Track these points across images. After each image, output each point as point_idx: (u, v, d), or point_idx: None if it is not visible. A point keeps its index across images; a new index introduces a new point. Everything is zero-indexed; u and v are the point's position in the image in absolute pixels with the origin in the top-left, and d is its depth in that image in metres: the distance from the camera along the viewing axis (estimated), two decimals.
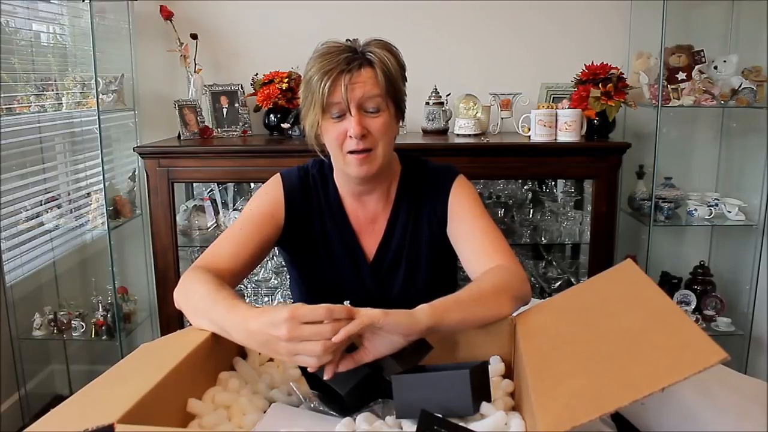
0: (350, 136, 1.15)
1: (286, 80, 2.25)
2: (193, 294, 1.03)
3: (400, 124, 1.26)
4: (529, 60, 2.39)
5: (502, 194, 2.33)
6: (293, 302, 1.50)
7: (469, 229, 1.22)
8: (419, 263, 1.30)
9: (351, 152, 1.17)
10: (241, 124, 2.33)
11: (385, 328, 0.83)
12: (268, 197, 1.27)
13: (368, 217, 1.30)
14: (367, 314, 0.83)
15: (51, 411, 0.75)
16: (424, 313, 0.88)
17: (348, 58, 1.13)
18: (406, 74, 1.24)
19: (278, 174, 1.31)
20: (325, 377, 0.83)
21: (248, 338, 0.89)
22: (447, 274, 1.38)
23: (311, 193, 1.29)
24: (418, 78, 2.30)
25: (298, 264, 1.35)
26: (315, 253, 1.30)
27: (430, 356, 0.94)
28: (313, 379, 0.89)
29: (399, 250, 1.30)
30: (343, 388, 0.84)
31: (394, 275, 1.30)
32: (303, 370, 0.90)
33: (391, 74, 1.16)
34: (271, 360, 1.04)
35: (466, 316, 0.95)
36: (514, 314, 1.01)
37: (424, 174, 1.31)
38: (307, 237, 1.29)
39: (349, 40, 1.20)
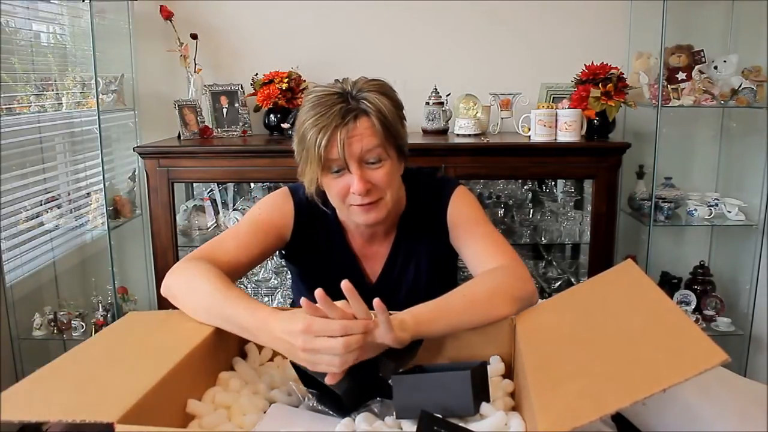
0: (353, 193, 1.10)
1: (286, 80, 2.25)
2: (197, 285, 1.01)
3: (403, 162, 1.20)
4: (529, 60, 2.39)
5: (502, 194, 2.33)
6: (293, 303, 1.50)
7: (470, 234, 1.21)
8: (420, 279, 1.29)
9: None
10: (241, 124, 2.33)
11: (374, 340, 0.86)
12: (277, 209, 1.25)
13: (372, 242, 1.29)
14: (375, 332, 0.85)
15: (44, 367, 0.78)
16: (406, 329, 0.88)
17: (342, 109, 1.06)
18: (404, 113, 1.17)
19: (286, 188, 1.28)
20: (327, 381, 0.83)
21: (272, 343, 0.90)
22: (447, 280, 1.37)
23: (316, 213, 1.27)
24: (418, 78, 2.31)
25: (300, 274, 1.35)
26: (316, 269, 1.29)
27: (430, 356, 0.94)
28: (308, 378, 0.89)
29: (401, 273, 1.29)
30: (339, 388, 0.84)
31: (396, 296, 1.29)
32: (298, 369, 0.90)
33: (388, 121, 1.09)
34: (271, 360, 1.04)
35: (454, 323, 0.96)
36: None
37: (427, 191, 1.28)
38: (310, 254, 1.28)
39: (339, 80, 1.14)
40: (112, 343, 0.92)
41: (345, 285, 0.83)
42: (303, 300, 0.84)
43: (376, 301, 0.83)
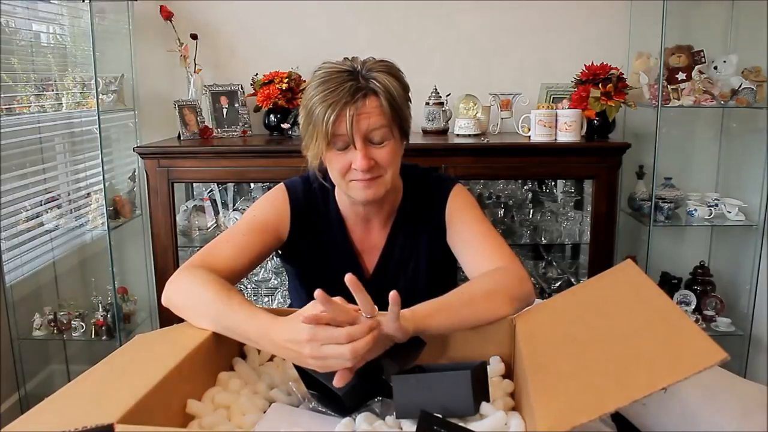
0: (355, 169, 1.12)
1: (286, 80, 2.25)
2: (198, 295, 1.01)
3: (405, 143, 1.21)
4: (529, 60, 2.39)
5: (502, 194, 2.33)
6: (291, 304, 1.50)
7: (467, 234, 1.21)
8: (419, 276, 1.29)
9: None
10: (241, 124, 2.33)
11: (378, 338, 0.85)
12: (273, 209, 1.25)
13: (369, 234, 1.29)
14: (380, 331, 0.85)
15: (46, 400, 0.75)
16: (407, 322, 0.88)
17: (352, 87, 1.07)
18: (410, 94, 1.19)
19: (282, 185, 1.28)
20: (336, 383, 0.83)
21: (277, 351, 0.90)
22: (446, 281, 1.38)
23: (314, 207, 1.27)
24: (418, 78, 2.30)
25: (297, 273, 1.35)
26: (314, 266, 1.29)
27: (430, 356, 0.94)
28: (310, 379, 0.89)
29: (399, 266, 1.29)
30: (340, 389, 0.84)
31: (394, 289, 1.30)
32: (300, 370, 0.90)
33: (396, 102, 1.11)
34: (270, 360, 1.04)
35: (453, 320, 0.96)
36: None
37: (424, 187, 1.29)
38: (308, 250, 1.28)
39: (347, 58, 1.15)
40: (118, 366, 0.87)
41: (349, 279, 0.82)
42: (303, 317, 0.83)
43: (392, 293, 0.83)
